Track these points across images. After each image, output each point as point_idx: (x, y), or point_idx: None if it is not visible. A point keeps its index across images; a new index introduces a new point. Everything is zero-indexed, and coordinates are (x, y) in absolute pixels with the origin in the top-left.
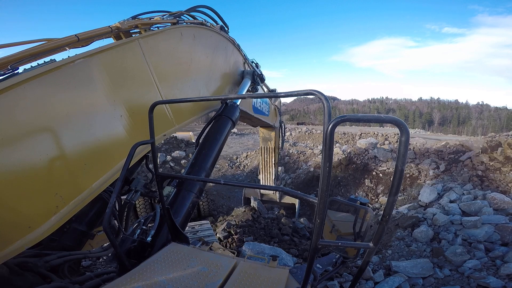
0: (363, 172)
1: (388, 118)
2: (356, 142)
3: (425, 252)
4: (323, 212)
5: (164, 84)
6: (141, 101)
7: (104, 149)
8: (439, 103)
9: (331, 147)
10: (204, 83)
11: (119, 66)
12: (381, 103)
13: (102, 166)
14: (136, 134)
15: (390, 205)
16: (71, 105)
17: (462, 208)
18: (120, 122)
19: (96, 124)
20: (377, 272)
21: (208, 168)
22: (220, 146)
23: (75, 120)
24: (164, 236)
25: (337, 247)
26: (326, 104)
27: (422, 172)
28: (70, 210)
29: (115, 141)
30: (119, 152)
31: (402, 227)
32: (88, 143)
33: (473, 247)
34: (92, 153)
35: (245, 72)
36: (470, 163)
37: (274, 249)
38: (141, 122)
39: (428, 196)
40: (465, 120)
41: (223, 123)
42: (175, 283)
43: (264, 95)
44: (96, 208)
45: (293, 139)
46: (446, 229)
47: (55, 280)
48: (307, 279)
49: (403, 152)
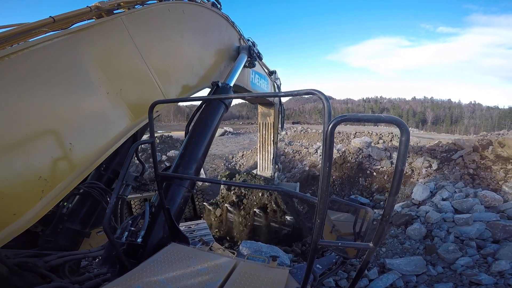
0: (358, 171)
1: (388, 118)
2: (350, 141)
3: (418, 249)
4: (323, 212)
5: (154, 60)
6: (129, 79)
7: (91, 128)
8: (432, 102)
9: (331, 147)
10: (198, 59)
11: (103, 45)
12: (376, 102)
13: (89, 146)
14: (124, 112)
15: (390, 205)
16: (53, 84)
17: (454, 205)
18: (107, 100)
19: (80, 103)
20: (371, 269)
21: (199, 158)
22: (212, 133)
23: (56, 99)
24: (156, 236)
25: (337, 247)
26: (326, 104)
27: (415, 171)
28: (57, 194)
29: (102, 120)
30: (106, 131)
31: (396, 225)
32: (72, 122)
33: (465, 244)
34: (77, 132)
35: (240, 48)
36: (462, 162)
37: (271, 247)
38: (129, 100)
39: (421, 194)
40: (457, 119)
41: (215, 107)
42: (175, 283)
43: (264, 94)
44: (87, 206)
45: (289, 138)
46: (439, 227)
47: (55, 280)
48: (307, 279)
49: (403, 152)
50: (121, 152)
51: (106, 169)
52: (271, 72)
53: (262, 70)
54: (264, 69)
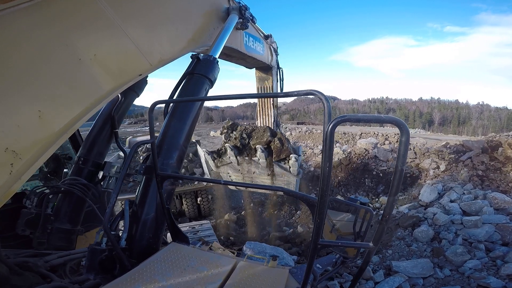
0: (364, 171)
1: (389, 118)
2: (356, 142)
3: (425, 252)
4: (323, 212)
5: (131, 22)
6: (104, 44)
7: (62, 96)
8: (439, 103)
9: (331, 147)
10: (182, 21)
11: (72, 10)
12: (381, 103)
13: (61, 114)
14: (100, 79)
15: (390, 205)
16: (13, 45)
17: (463, 207)
18: (80, 66)
19: (48, 69)
20: (377, 272)
21: (181, 145)
22: (196, 114)
23: (19, 63)
24: (142, 237)
25: (337, 247)
26: (326, 104)
27: (423, 172)
28: (28, 167)
29: (75, 87)
30: (79, 98)
31: (403, 226)
32: (41, 88)
33: (474, 247)
34: (47, 99)
35: (230, 8)
36: (471, 163)
37: (275, 248)
38: (106, 66)
39: (429, 196)
40: (465, 120)
41: (196, 83)
42: (175, 283)
43: (264, 95)
44: (72, 204)
45: (294, 139)
46: (447, 229)
47: (55, 280)
48: (307, 279)
49: (403, 152)
50: (98, 141)
51: (85, 162)
52: (266, 36)
53: (257, 33)
54: (259, 32)
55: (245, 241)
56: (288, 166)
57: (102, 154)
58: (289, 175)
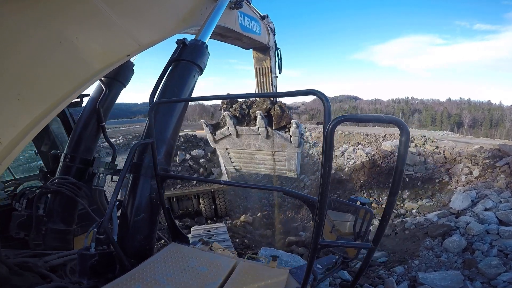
0: (388, 175)
1: (388, 118)
2: (380, 144)
3: (456, 263)
4: (323, 212)
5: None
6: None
7: (42, 78)
8: (469, 104)
9: (331, 147)
10: None
11: None
12: (406, 103)
13: (42, 97)
14: (83, 61)
15: (390, 205)
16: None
17: (499, 217)
18: (61, 48)
19: (26, 51)
20: (401, 283)
21: (168, 138)
22: (183, 107)
23: None
24: (133, 238)
25: (337, 247)
26: (326, 104)
27: (453, 178)
28: (9, 152)
29: (56, 69)
30: (60, 81)
31: (432, 236)
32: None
33: (510, 258)
34: (26, 82)
35: None
36: (508, 169)
37: (292, 256)
38: (90, 47)
39: (461, 204)
40: (498, 122)
41: (183, 71)
42: (175, 283)
43: (264, 95)
44: (63, 204)
45: (313, 140)
46: (481, 239)
47: (55, 280)
48: (307, 279)
49: (403, 152)
50: (84, 137)
51: (73, 160)
52: (263, 16)
53: (252, 13)
54: (256, 13)
55: (261, 244)
56: (289, 135)
57: (90, 150)
58: (290, 147)
